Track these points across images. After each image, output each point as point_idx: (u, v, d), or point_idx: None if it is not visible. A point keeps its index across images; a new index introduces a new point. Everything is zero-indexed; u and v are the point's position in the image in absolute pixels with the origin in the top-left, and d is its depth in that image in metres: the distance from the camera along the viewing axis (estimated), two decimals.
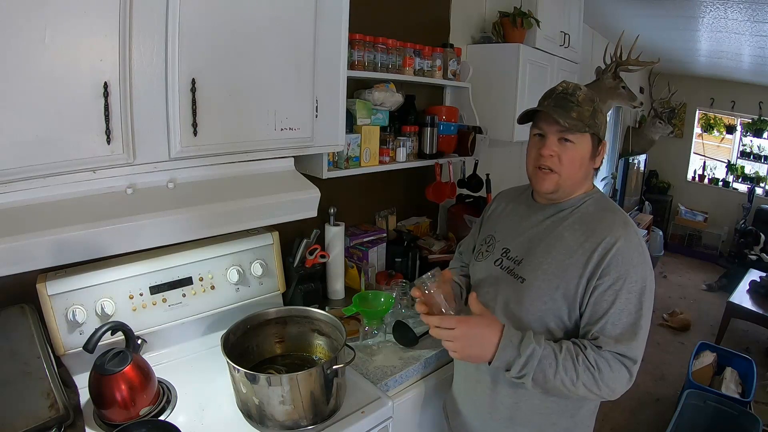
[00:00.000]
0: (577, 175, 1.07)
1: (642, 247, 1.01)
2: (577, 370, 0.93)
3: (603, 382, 0.94)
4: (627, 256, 0.97)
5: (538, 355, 0.93)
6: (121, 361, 1.07)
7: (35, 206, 0.97)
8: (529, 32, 2.23)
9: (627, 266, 0.97)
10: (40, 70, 0.88)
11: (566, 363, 0.93)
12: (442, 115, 2.04)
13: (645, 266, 0.99)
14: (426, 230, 2.28)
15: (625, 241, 0.98)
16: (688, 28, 3.42)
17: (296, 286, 1.63)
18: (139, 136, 1.04)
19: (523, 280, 1.06)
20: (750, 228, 4.99)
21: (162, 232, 1.11)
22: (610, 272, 0.97)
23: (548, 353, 0.94)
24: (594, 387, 0.94)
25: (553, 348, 0.95)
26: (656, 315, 4.04)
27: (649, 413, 2.81)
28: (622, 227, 1.01)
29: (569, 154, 1.04)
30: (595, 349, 0.95)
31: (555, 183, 1.07)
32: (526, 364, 0.93)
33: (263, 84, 1.21)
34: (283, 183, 1.33)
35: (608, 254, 0.97)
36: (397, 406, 1.29)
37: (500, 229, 1.20)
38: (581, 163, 1.06)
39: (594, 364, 0.93)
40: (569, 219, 1.07)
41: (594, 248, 0.99)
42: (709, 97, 5.54)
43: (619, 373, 0.95)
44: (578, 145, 1.04)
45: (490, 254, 1.18)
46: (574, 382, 0.93)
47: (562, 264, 1.02)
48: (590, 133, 1.04)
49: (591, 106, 1.04)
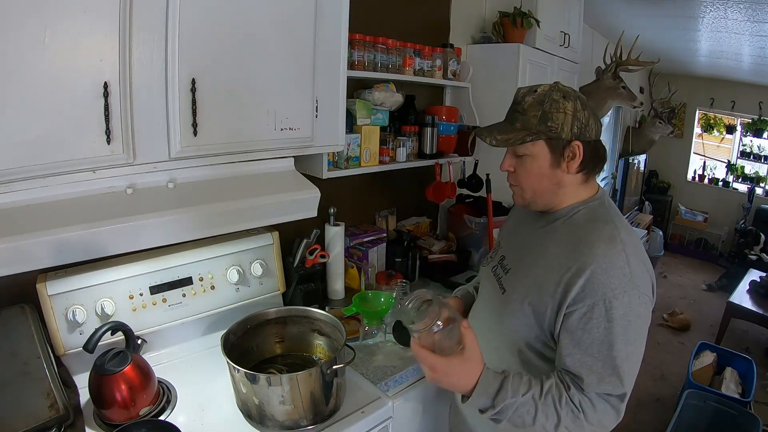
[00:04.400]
0: (543, 187, 0.98)
1: (630, 267, 0.88)
2: (560, 414, 0.87)
3: (588, 422, 0.88)
4: (603, 280, 0.86)
5: (514, 405, 0.86)
6: (121, 361, 1.07)
7: (35, 206, 0.97)
8: (529, 32, 2.23)
9: (604, 291, 0.86)
10: (40, 70, 0.88)
11: (546, 409, 0.87)
12: (442, 115, 2.04)
13: (628, 290, 0.87)
14: (426, 230, 2.28)
15: (603, 260, 0.87)
16: (688, 28, 3.42)
17: (296, 286, 1.62)
18: (139, 136, 1.04)
19: (504, 291, 1.02)
20: (750, 228, 4.98)
21: (162, 232, 1.11)
22: (584, 298, 0.87)
23: (527, 400, 0.86)
24: (578, 429, 0.89)
25: (533, 394, 0.87)
26: (656, 315, 4.04)
27: (649, 413, 2.81)
28: (606, 243, 0.89)
29: (524, 168, 0.98)
30: (579, 390, 0.88)
31: (522, 197, 1.02)
32: (501, 413, 0.87)
33: (263, 84, 1.21)
34: (283, 183, 1.33)
35: (581, 277, 0.87)
36: (397, 406, 1.29)
37: (505, 236, 1.19)
38: (542, 174, 0.97)
39: (578, 406, 0.87)
40: (558, 231, 0.99)
41: (570, 267, 0.89)
42: (709, 97, 5.54)
43: (604, 412, 0.89)
44: (533, 156, 0.96)
45: (491, 260, 1.16)
46: (557, 426, 0.87)
47: (538, 279, 0.95)
48: (545, 139, 0.94)
49: (538, 110, 0.93)
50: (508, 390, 0.86)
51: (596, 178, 1.04)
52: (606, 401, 0.89)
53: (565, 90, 0.96)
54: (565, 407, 0.87)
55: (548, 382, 0.90)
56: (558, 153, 0.95)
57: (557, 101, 0.94)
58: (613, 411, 0.90)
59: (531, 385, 0.88)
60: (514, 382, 0.88)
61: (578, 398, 0.88)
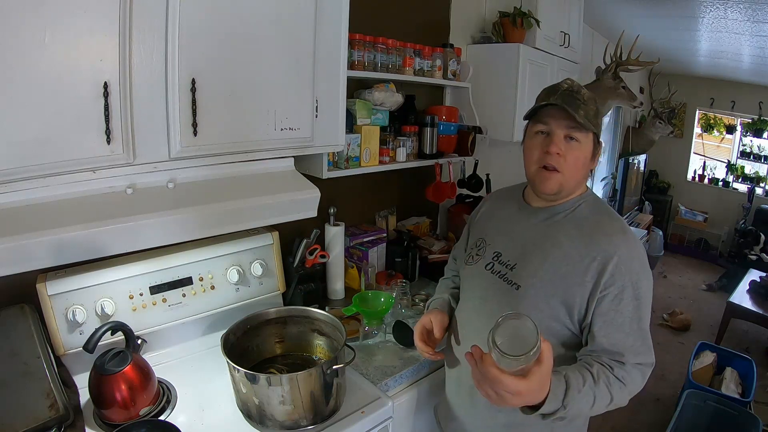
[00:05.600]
0: (578, 176, 1.05)
1: (641, 252, 1.01)
2: (612, 393, 0.94)
3: (629, 392, 0.98)
4: (628, 265, 0.97)
5: (576, 400, 0.88)
6: (121, 361, 1.07)
7: (35, 206, 0.97)
8: (529, 32, 2.23)
9: (630, 275, 0.97)
10: (40, 70, 0.88)
11: (601, 392, 0.92)
12: (442, 115, 2.04)
13: (645, 272, 1.00)
14: (426, 230, 2.28)
15: (626, 249, 0.98)
16: (688, 28, 3.42)
17: (296, 286, 1.62)
18: (139, 136, 1.04)
19: (518, 287, 1.03)
20: (750, 228, 4.98)
21: (162, 232, 1.11)
22: (614, 282, 0.96)
23: (586, 391, 0.89)
24: (624, 399, 0.97)
25: (589, 383, 0.90)
26: (656, 315, 4.04)
27: (649, 413, 2.81)
28: (621, 234, 1.01)
29: (574, 153, 1.01)
30: (619, 365, 0.96)
31: (559, 183, 1.03)
32: (568, 412, 0.87)
33: (263, 84, 1.21)
34: (283, 183, 1.33)
35: (610, 265, 0.96)
36: (397, 406, 1.29)
37: (491, 232, 1.17)
38: (584, 163, 1.04)
39: (623, 381, 0.95)
40: (565, 224, 1.05)
41: (594, 257, 0.98)
42: (709, 97, 5.54)
43: (639, 381, 0.99)
44: (583, 145, 1.02)
45: (480, 258, 1.14)
46: (608, 404, 0.95)
47: (559, 272, 1.00)
48: (593, 133, 1.03)
49: (594, 106, 1.03)
50: (573, 387, 0.88)
51: None
52: (640, 371, 0.98)
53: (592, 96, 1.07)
54: (615, 385, 0.94)
55: (594, 367, 0.94)
56: (596, 147, 1.06)
57: (598, 104, 1.06)
58: (643, 379, 0.99)
59: (584, 376, 0.91)
60: (572, 379, 0.89)
61: (621, 374, 0.95)
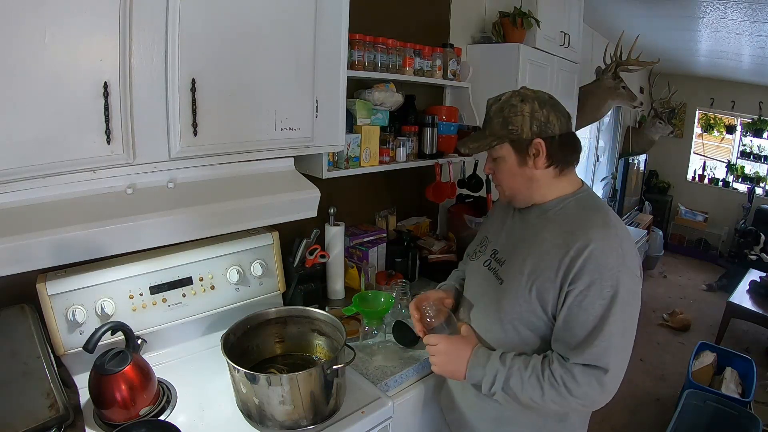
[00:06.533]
0: (517, 184, 1.07)
1: (622, 249, 0.94)
2: (543, 387, 0.94)
3: (572, 395, 0.93)
4: (601, 259, 0.92)
5: (503, 374, 0.98)
6: (121, 361, 1.07)
7: (35, 206, 0.97)
8: (529, 32, 2.23)
9: (601, 270, 0.92)
10: (40, 70, 0.88)
11: (532, 381, 0.95)
12: (442, 115, 2.04)
13: (622, 270, 0.93)
14: (426, 230, 2.28)
15: (601, 242, 0.93)
16: (688, 28, 3.42)
17: (296, 286, 1.62)
18: (139, 136, 1.04)
19: (502, 282, 1.06)
20: (750, 228, 4.98)
21: (162, 232, 1.11)
22: (582, 277, 0.92)
23: (514, 372, 0.97)
24: (562, 402, 0.94)
25: (519, 366, 0.97)
26: (656, 315, 4.05)
27: (649, 413, 2.81)
28: (601, 227, 0.96)
29: (499, 169, 1.08)
30: (562, 362, 0.94)
31: (504, 195, 1.12)
32: (493, 384, 0.99)
33: (263, 84, 1.21)
34: (283, 183, 1.33)
35: (580, 257, 0.92)
36: (397, 406, 1.29)
37: (493, 231, 1.21)
38: (513, 173, 1.06)
39: (559, 380, 0.93)
40: (551, 220, 1.04)
41: (568, 250, 0.94)
42: (709, 97, 5.54)
43: (588, 385, 0.92)
44: (503, 158, 1.06)
45: (481, 254, 1.18)
46: (542, 398, 0.95)
47: (538, 267, 0.99)
48: (509, 142, 1.02)
49: (500, 116, 1.03)
50: (497, 359, 0.99)
51: (574, 170, 1.09)
52: (590, 375, 0.92)
53: (524, 93, 1.04)
54: (547, 380, 0.94)
55: (536, 357, 0.98)
56: (523, 152, 1.03)
57: (515, 105, 1.02)
58: (598, 385, 0.93)
59: (520, 360, 0.98)
60: (504, 355, 1.00)
61: (559, 372, 0.94)
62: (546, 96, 1.05)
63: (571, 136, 1.06)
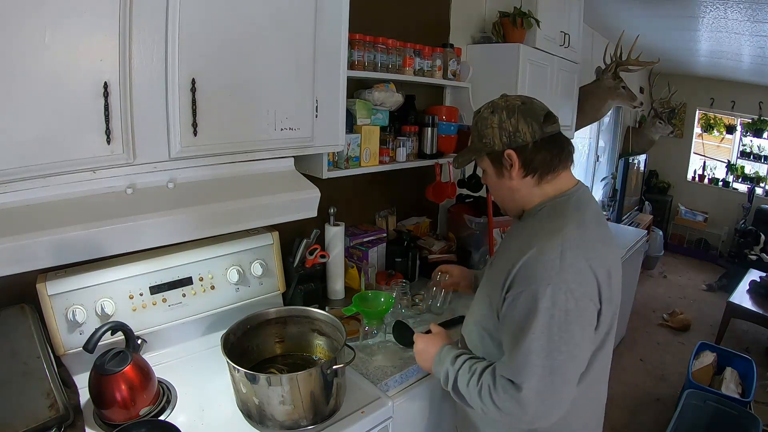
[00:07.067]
0: (502, 195, 1.09)
1: (560, 260, 0.87)
2: (476, 392, 0.96)
3: (495, 406, 0.91)
4: (531, 269, 0.89)
5: (453, 375, 1.02)
6: (121, 361, 1.07)
7: (35, 206, 0.97)
8: (529, 32, 2.23)
9: (528, 280, 0.89)
10: (40, 70, 0.88)
11: (471, 384, 0.98)
12: (442, 115, 2.04)
13: (553, 283, 0.86)
14: (426, 230, 2.28)
15: (536, 251, 0.89)
16: (688, 28, 3.42)
17: (296, 286, 1.62)
18: (139, 136, 1.04)
19: (476, 288, 1.12)
20: (750, 228, 4.98)
21: (162, 232, 1.11)
22: (514, 286, 0.91)
23: (460, 374, 1.01)
24: (492, 410, 0.93)
25: (465, 369, 1.01)
26: (656, 315, 4.04)
27: (649, 413, 2.81)
28: (546, 234, 0.92)
29: (485, 181, 1.12)
30: (495, 371, 0.95)
31: (498, 204, 1.15)
32: (447, 382, 1.04)
33: (263, 84, 1.21)
34: (283, 183, 1.33)
35: (517, 265, 0.91)
36: (397, 406, 1.29)
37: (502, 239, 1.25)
38: (495, 185, 1.08)
39: (486, 388, 0.94)
40: (522, 227, 1.06)
41: (514, 258, 0.93)
42: (709, 97, 5.54)
43: (505, 399, 0.90)
44: (486, 171, 1.09)
45: (489, 261, 1.23)
46: (477, 403, 0.96)
47: (496, 272, 1.01)
48: (486, 154, 1.04)
49: (476, 130, 1.04)
50: (450, 360, 1.04)
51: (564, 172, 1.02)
52: (507, 389, 0.90)
53: (495, 104, 1.02)
54: (479, 386, 0.96)
55: (483, 362, 1.01)
56: (498, 164, 1.03)
57: (486, 118, 1.01)
58: (512, 400, 0.89)
59: (469, 363, 1.01)
60: (460, 357, 1.04)
61: (488, 381, 0.95)
62: (518, 102, 0.99)
63: (551, 140, 0.99)
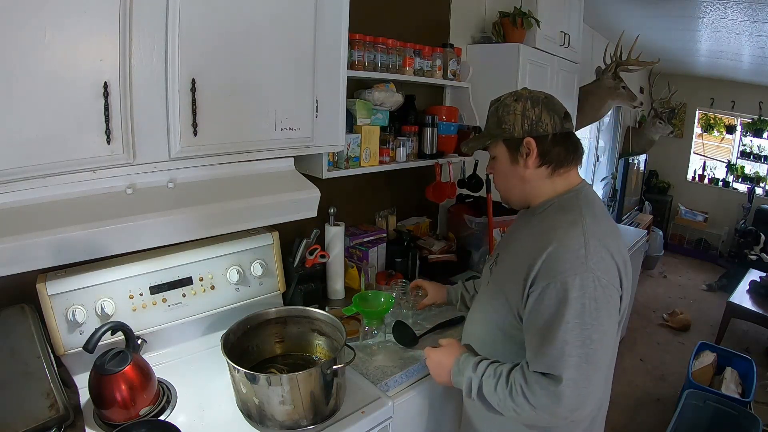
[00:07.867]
0: (510, 184, 1.07)
1: (584, 249, 0.88)
2: (507, 395, 0.93)
3: (530, 404, 0.89)
4: (556, 261, 0.89)
5: (476, 382, 1.00)
6: (121, 361, 1.07)
7: (35, 206, 0.97)
8: (529, 32, 2.23)
9: (555, 272, 0.88)
10: (40, 70, 0.88)
11: (499, 389, 0.95)
12: (442, 115, 2.04)
13: (581, 272, 0.87)
14: (426, 230, 2.28)
15: (559, 243, 0.90)
16: (688, 28, 3.42)
17: (296, 286, 1.62)
18: (139, 136, 1.04)
19: (489, 283, 1.10)
20: (750, 228, 4.98)
21: (162, 232, 1.11)
22: (539, 280, 0.90)
23: (484, 380, 0.99)
24: (524, 411, 0.91)
25: (489, 374, 0.98)
26: (656, 315, 4.04)
27: (649, 413, 2.81)
28: (566, 227, 0.92)
29: (495, 169, 1.10)
30: (525, 370, 0.93)
31: (501, 196, 1.13)
32: (471, 390, 1.01)
33: (263, 84, 1.21)
34: (283, 183, 1.33)
35: (540, 259, 0.90)
36: (397, 406, 1.29)
37: (504, 237, 1.25)
38: (506, 172, 1.06)
39: (518, 389, 0.91)
40: (532, 223, 1.04)
41: (533, 253, 0.93)
42: (709, 97, 5.54)
43: (541, 395, 0.88)
44: (498, 157, 1.07)
45: (490, 259, 1.21)
46: (508, 406, 0.94)
47: (510, 269, 1.01)
48: (502, 140, 1.03)
49: (495, 116, 1.04)
50: (471, 367, 1.01)
51: (573, 170, 1.05)
52: (545, 384, 0.88)
53: (519, 93, 1.04)
54: (509, 389, 0.93)
55: (507, 365, 0.98)
56: (514, 151, 1.03)
57: (508, 105, 1.03)
58: (553, 396, 0.87)
59: (492, 367, 0.99)
60: (481, 363, 1.01)
61: (519, 381, 0.92)
62: (542, 95, 1.03)
63: (567, 137, 1.03)
